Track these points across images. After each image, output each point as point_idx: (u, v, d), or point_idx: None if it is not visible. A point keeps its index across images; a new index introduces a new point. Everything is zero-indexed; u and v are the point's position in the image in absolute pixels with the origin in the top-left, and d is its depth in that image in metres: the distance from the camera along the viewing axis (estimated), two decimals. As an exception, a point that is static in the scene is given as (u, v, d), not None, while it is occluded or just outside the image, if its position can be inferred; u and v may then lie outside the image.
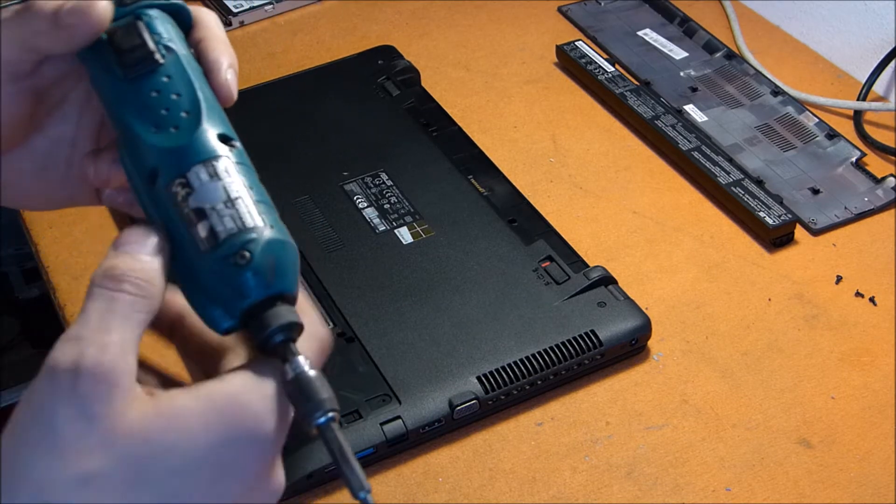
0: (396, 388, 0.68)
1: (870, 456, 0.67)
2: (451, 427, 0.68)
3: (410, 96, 0.92)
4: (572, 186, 0.87)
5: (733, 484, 0.66)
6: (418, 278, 0.75)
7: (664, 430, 0.69)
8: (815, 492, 0.65)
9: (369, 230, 0.79)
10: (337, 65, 0.96)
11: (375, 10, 1.07)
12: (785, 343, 0.74)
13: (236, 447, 0.40)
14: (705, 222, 0.83)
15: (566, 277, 0.74)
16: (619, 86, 0.94)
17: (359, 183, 0.83)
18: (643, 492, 0.65)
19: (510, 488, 0.66)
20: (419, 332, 0.71)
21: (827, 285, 0.78)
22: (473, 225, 0.79)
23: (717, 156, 0.86)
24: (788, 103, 0.93)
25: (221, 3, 1.06)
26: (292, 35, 1.05)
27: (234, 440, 0.40)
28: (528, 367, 0.69)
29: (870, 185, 0.85)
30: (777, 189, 0.85)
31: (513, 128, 0.93)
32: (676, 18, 1.03)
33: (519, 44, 1.02)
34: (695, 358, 0.73)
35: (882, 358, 0.73)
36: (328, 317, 0.73)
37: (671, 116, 0.90)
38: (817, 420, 0.69)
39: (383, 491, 0.66)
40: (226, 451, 0.40)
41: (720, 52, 0.99)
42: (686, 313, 0.76)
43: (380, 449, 0.66)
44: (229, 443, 0.40)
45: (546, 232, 0.79)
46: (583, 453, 0.67)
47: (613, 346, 0.71)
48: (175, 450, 0.39)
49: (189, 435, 0.39)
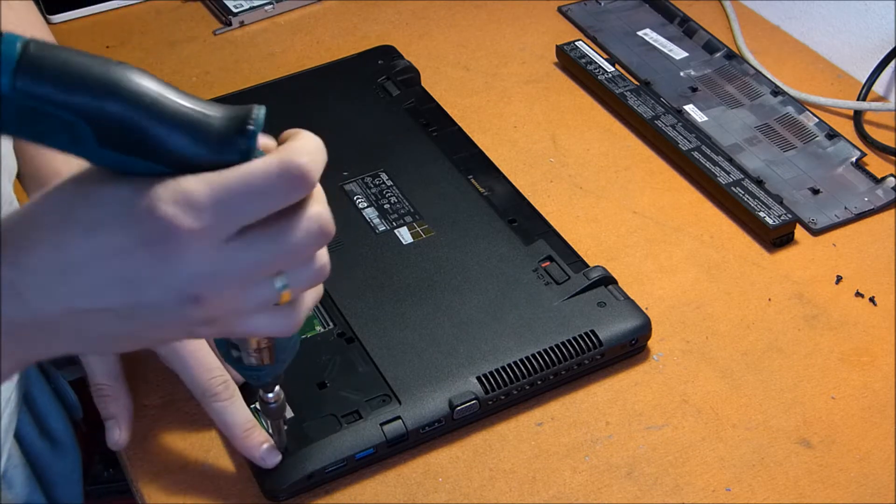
0: (396, 389, 0.68)
1: (870, 456, 0.67)
2: (451, 427, 0.68)
3: (410, 96, 0.92)
4: (572, 186, 0.87)
5: (733, 484, 0.66)
6: (418, 278, 0.75)
7: (664, 430, 0.69)
8: (815, 492, 0.65)
9: (369, 230, 0.79)
10: (337, 65, 0.96)
11: (375, 10, 1.07)
12: (785, 343, 0.74)
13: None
14: (705, 222, 0.83)
15: (566, 277, 0.74)
16: (619, 86, 0.94)
17: (359, 183, 0.83)
18: (643, 492, 0.65)
19: (510, 488, 0.66)
20: (419, 332, 0.71)
21: (827, 285, 0.78)
22: (473, 225, 0.79)
23: (717, 156, 0.86)
24: (788, 103, 0.93)
25: (221, 3, 1.06)
26: (292, 35, 1.05)
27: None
28: (528, 367, 0.69)
29: (870, 185, 0.85)
30: (777, 189, 0.85)
31: (513, 128, 0.93)
32: (676, 18, 1.03)
33: (519, 44, 1.02)
34: (695, 358, 0.73)
35: (882, 358, 0.73)
36: (328, 317, 0.73)
37: (671, 116, 0.90)
38: (817, 420, 0.69)
39: (383, 491, 0.66)
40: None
41: (720, 52, 0.99)
42: (686, 313, 0.76)
43: (380, 449, 0.66)
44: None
45: (546, 232, 0.79)
46: (583, 453, 0.67)
47: (613, 346, 0.71)
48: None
49: None
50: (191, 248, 0.44)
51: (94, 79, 0.42)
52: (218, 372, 0.64)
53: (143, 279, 0.44)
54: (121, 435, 0.66)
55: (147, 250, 0.44)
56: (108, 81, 0.43)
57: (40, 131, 0.43)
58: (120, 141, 0.43)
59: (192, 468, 0.67)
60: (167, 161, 0.44)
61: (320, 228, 0.46)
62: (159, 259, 0.44)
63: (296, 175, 0.44)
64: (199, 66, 1.01)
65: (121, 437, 0.66)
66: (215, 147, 0.44)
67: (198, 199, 0.43)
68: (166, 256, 0.44)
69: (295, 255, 0.46)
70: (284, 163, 0.44)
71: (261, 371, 0.55)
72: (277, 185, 0.44)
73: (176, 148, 0.44)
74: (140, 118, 0.43)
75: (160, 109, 0.43)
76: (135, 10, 1.09)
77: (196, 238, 0.44)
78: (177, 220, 0.43)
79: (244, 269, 0.45)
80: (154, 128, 0.43)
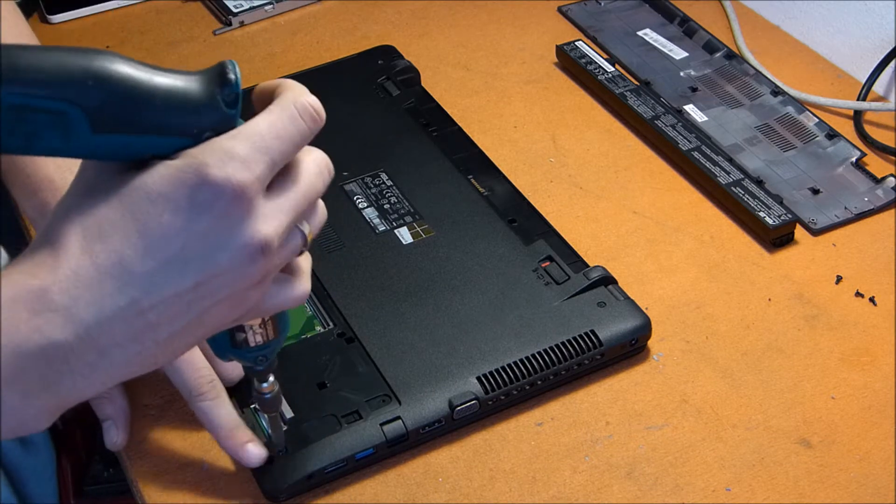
0: (396, 389, 0.68)
1: (870, 456, 0.67)
2: (451, 427, 0.68)
3: (410, 96, 0.92)
4: (572, 186, 0.87)
5: (733, 484, 0.66)
6: (418, 278, 0.75)
7: (664, 430, 0.69)
8: (815, 492, 0.65)
9: (369, 230, 0.79)
10: (337, 65, 0.96)
11: (375, 10, 1.07)
12: (785, 343, 0.74)
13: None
14: (705, 222, 0.83)
15: (566, 277, 0.74)
16: (619, 86, 0.94)
17: (359, 183, 0.83)
18: (643, 492, 0.65)
19: (510, 488, 0.66)
20: (419, 332, 0.71)
21: (827, 285, 0.78)
22: (473, 225, 0.79)
23: (717, 156, 0.86)
24: (788, 103, 0.93)
25: (221, 3, 1.06)
26: (292, 35, 1.05)
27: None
28: (528, 367, 0.69)
29: (870, 185, 0.85)
30: (777, 189, 0.85)
31: (513, 128, 0.93)
32: (676, 18, 1.03)
33: (519, 44, 1.02)
34: (695, 358, 0.73)
35: (882, 358, 0.73)
36: (328, 317, 0.73)
37: (671, 116, 0.90)
38: (817, 420, 0.69)
39: (383, 491, 0.66)
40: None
41: (720, 52, 0.99)
42: (686, 313, 0.76)
43: (380, 449, 0.66)
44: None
45: (546, 232, 0.79)
46: (583, 453, 0.67)
47: (613, 346, 0.71)
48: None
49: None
50: (250, 201, 0.45)
51: (76, 60, 0.43)
52: (206, 371, 0.64)
53: (212, 247, 0.45)
54: (118, 435, 0.66)
55: (210, 219, 0.44)
56: (92, 59, 0.43)
57: (31, 133, 0.43)
58: (116, 119, 0.43)
59: (192, 468, 0.67)
60: (168, 129, 0.44)
61: (326, 166, 0.51)
62: (225, 221, 0.45)
63: (312, 111, 0.48)
64: (199, 66, 0.99)
65: (119, 438, 0.66)
66: (208, 101, 0.45)
67: (241, 153, 0.45)
68: (231, 216, 0.45)
69: (313, 197, 0.50)
70: (300, 103, 0.48)
71: (267, 348, 0.56)
72: (300, 124, 0.47)
73: (173, 108, 0.44)
74: (133, 85, 0.43)
75: (150, 75, 0.45)
76: (135, 10, 1.09)
77: (253, 190, 0.45)
78: (234, 179, 0.44)
79: (290, 212, 0.48)
80: (149, 94, 0.44)
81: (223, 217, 0.45)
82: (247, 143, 0.45)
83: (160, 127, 0.44)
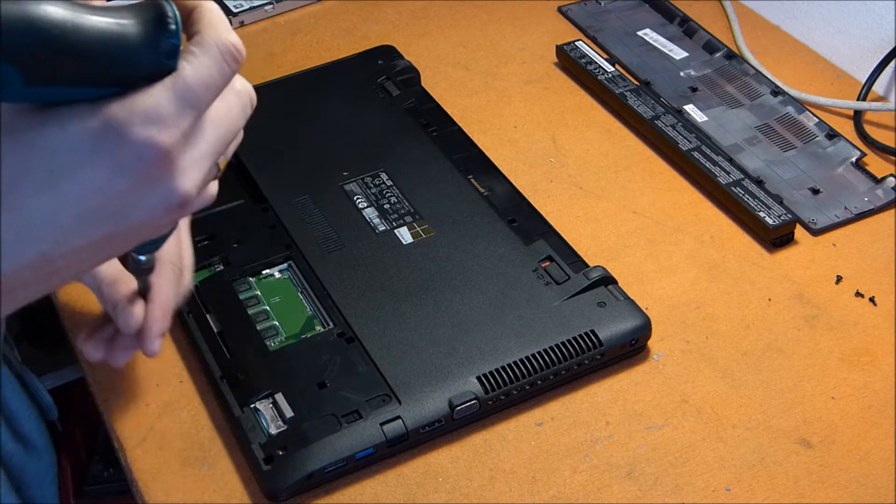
0: (396, 388, 0.68)
1: (870, 456, 0.67)
2: (451, 427, 0.68)
3: (410, 96, 0.92)
4: (572, 186, 0.87)
5: (733, 484, 0.66)
6: (418, 278, 0.75)
7: (664, 430, 0.69)
8: (815, 492, 0.65)
9: (369, 230, 0.79)
10: (337, 65, 0.96)
11: (375, 10, 1.07)
12: (785, 343, 0.74)
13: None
14: (705, 222, 0.83)
15: (566, 277, 0.74)
16: (619, 86, 0.94)
17: (359, 183, 0.83)
18: (643, 492, 0.65)
19: (510, 488, 0.66)
20: (419, 332, 0.71)
21: (827, 285, 0.78)
22: (473, 225, 0.79)
23: (717, 156, 0.86)
24: (788, 103, 0.93)
25: (221, 3, 1.06)
26: (292, 35, 1.05)
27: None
28: (528, 367, 0.69)
29: (870, 185, 0.85)
30: (777, 189, 0.85)
31: (513, 128, 0.93)
32: (676, 18, 1.03)
33: (519, 44, 1.02)
34: (695, 358, 0.73)
35: (882, 358, 0.73)
36: (328, 317, 0.73)
37: (671, 116, 0.90)
38: (817, 420, 0.69)
39: (383, 491, 0.66)
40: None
41: (720, 52, 0.99)
42: (686, 313, 0.76)
43: (380, 449, 0.66)
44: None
45: (546, 232, 0.79)
46: (583, 453, 0.67)
47: (613, 346, 0.71)
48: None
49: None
50: (173, 161, 0.44)
51: (8, 10, 0.40)
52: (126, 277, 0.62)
53: (130, 206, 0.44)
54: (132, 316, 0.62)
55: (130, 179, 0.43)
56: (21, 10, 0.40)
57: None
58: (49, 72, 0.41)
59: (192, 468, 0.67)
60: (102, 81, 0.42)
61: (251, 100, 0.50)
62: (145, 182, 0.43)
63: (234, 52, 0.47)
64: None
65: (132, 319, 0.62)
66: (146, 54, 0.43)
67: (166, 110, 0.43)
68: (151, 177, 0.43)
69: (234, 135, 0.48)
70: (224, 46, 0.46)
71: (162, 239, 0.54)
72: (224, 69, 0.46)
73: (110, 61, 0.42)
74: (66, 38, 0.41)
75: (83, 19, 0.41)
76: (135, 10, 1.09)
77: (177, 150, 0.43)
78: (157, 140, 0.42)
79: (211, 157, 0.46)
80: (85, 46, 0.41)
81: (143, 178, 0.43)
82: (172, 99, 0.43)
83: (95, 79, 0.42)
